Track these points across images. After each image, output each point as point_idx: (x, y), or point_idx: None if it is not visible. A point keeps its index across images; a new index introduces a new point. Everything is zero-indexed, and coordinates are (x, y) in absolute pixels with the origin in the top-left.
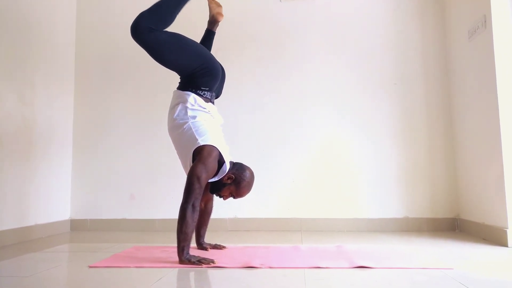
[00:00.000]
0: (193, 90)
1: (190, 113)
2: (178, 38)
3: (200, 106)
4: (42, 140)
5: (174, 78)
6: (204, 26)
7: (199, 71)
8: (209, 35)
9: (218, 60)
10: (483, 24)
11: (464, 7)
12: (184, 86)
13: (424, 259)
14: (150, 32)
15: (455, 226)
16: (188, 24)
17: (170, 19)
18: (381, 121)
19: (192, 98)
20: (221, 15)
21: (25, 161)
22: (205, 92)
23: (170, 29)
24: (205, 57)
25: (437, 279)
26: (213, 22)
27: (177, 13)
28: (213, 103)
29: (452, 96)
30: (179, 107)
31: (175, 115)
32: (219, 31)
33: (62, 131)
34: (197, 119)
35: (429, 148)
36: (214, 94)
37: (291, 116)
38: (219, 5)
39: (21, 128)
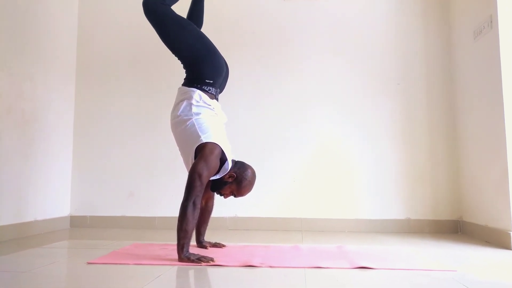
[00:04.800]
0: (198, 86)
1: (194, 109)
2: (187, 22)
3: (205, 103)
4: (42, 135)
5: (175, 76)
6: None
7: (201, 61)
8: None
9: None
10: (489, 24)
11: (469, 7)
12: (189, 82)
13: (427, 261)
14: (162, 4)
15: (457, 229)
16: None
17: None
18: (383, 121)
19: (197, 94)
20: None
21: (25, 156)
22: (210, 88)
23: None
24: (209, 47)
25: (440, 281)
26: None
27: None
28: (217, 99)
29: (455, 97)
30: (184, 103)
31: (180, 111)
32: (219, 28)
33: (62, 127)
34: (200, 116)
35: (431, 149)
36: (218, 90)
37: (292, 115)
38: None
39: (20, 123)
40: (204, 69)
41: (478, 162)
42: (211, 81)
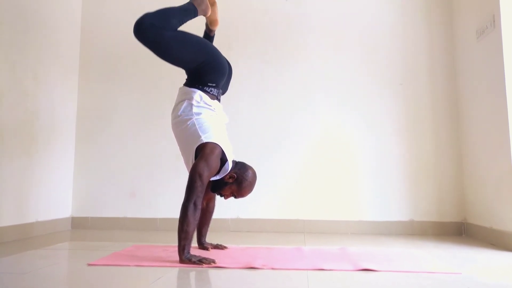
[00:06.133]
0: (200, 87)
1: (195, 109)
2: (182, 34)
3: (206, 104)
4: (44, 134)
5: (178, 74)
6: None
7: (204, 67)
8: (207, 38)
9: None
10: (491, 23)
11: (472, 6)
12: (191, 82)
13: (431, 263)
14: (152, 27)
15: (461, 231)
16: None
17: (174, 22)
18: (386, 121)
19: (198, 95)
20: (216, 23)
21: (26, 156)
22: (212, 89)
23: None
24: (211, 53)
25: (444, 284)
26: (209, 27)
27: (182, 20)
28: (219, 100)
29: (459, 97)
30: (185, 103)
31: (180, 111)
32: (222, 24)
33: (64, 127)
34: (201, 116)
35: (435, 150)
36: (220, 91)
37: (295, 115)
38: (215, 13)
39: (23, 121)
40: (207, 75)
41: (483, 163)
42: (214, 84)
